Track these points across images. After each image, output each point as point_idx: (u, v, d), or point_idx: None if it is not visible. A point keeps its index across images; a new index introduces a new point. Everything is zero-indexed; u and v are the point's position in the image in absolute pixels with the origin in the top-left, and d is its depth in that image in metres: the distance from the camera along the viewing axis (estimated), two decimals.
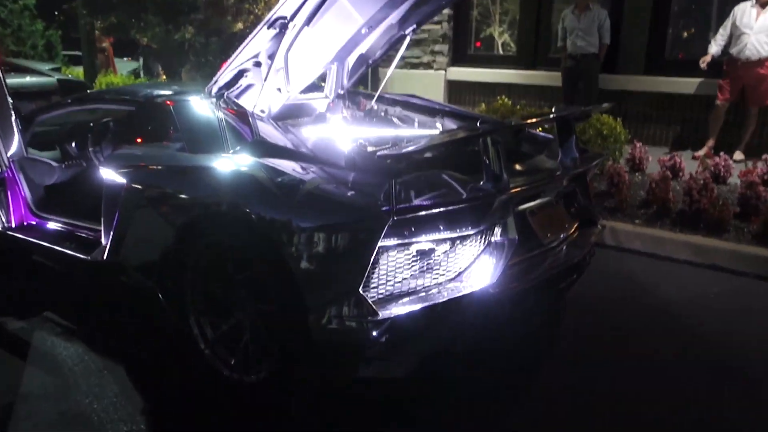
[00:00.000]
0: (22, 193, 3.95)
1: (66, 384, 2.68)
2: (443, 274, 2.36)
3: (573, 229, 2.92)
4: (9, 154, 3.72)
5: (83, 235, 3.60)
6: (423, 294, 2.30)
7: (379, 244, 2.18)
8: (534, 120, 2.81)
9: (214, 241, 2.62)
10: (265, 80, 2.99)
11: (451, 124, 3.62)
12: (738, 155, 6.20)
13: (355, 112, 3.94)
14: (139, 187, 2.85)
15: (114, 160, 3.07)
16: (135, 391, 2.63)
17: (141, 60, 13.36)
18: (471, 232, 2.36)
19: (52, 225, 3.80)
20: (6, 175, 3.82)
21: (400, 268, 2.29)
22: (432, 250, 2.32)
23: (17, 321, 3.32)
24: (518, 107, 6.34)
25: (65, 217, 3.76)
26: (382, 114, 3.90)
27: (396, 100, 3.90)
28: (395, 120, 3.82)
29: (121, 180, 2.96)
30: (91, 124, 4.21)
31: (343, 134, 3.31)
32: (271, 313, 2.45)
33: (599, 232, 3.10)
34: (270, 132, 2.78)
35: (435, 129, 3.63)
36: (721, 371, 2.79)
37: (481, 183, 2.39)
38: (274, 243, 2.33)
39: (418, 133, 3.51)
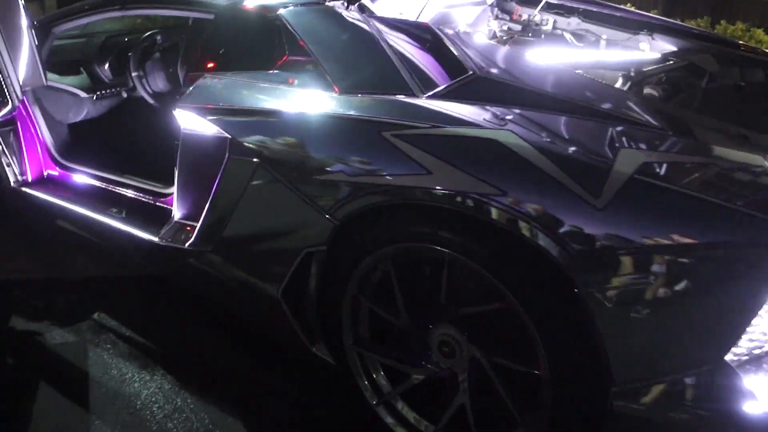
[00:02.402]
0: (39, 134, 2.85)
1: None
2: None
3: None
4: (22, 82, 2.58)
5: (135, 197, 2.56)
6: None
7: None
8: None
9: (419, 250, 1.57)
10: None
11: (669, 46, 2.52)
12: None
13: (506, 25, 2.81)
14: (262, 148, 1.78)
15: (199, 99, 1.98)
16: None
17: None
18: None
19: (82, 179, 2.73)
20: (17, 111, 2.70)
21: None
22: None
23: (54, 330, 2.30)
24: None
25: (102, 169, 2.69)
26: (543, 26, 2.77)
27: (570, 7, 2.76)
28: (569, 37, 2.71)
29: (218, 132, 1.88)
30: (126, 39, 3.05)
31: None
32: (526, 376, 1.47)
33: None
34: (486, 59, 1.69)
35: (641, 51, 2.53)
36: None
37: None
38: (562, 267, 1.31)
39: (631, 57, 2.41)
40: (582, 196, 1.28)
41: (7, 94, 2.52)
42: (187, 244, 2.11)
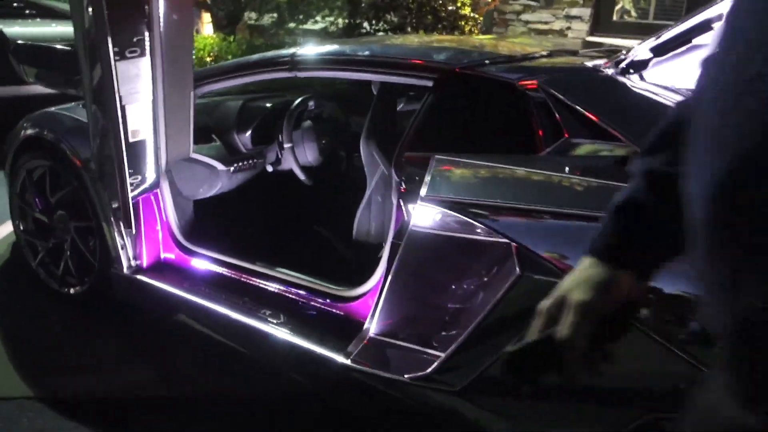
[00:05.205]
0: (163, 212, 2.37)
1: None
2: None
3: None
4: (168, 152, 2.11)
5: (292, 297, 2.07)
6: None
7: None
8: None
9: None
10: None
11: None
12: None
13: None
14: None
15: (448, 190, 1.50)
16: None
17: None
18: None
19: (213, 267, 2.26)
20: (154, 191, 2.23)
21: None
22: None
23: None
24: None
25: (241, 257, 2.22)
26: None
27: None
28: None
29: (494, 237, 1.40)
30: (269, 104, 2.61)
31: None
32: None
33: None
34: None
35: None
36: None
37: None
38: None
39: None
40: None
41: (154, 165, 2.05)
42: (408, 375, 1.60)
